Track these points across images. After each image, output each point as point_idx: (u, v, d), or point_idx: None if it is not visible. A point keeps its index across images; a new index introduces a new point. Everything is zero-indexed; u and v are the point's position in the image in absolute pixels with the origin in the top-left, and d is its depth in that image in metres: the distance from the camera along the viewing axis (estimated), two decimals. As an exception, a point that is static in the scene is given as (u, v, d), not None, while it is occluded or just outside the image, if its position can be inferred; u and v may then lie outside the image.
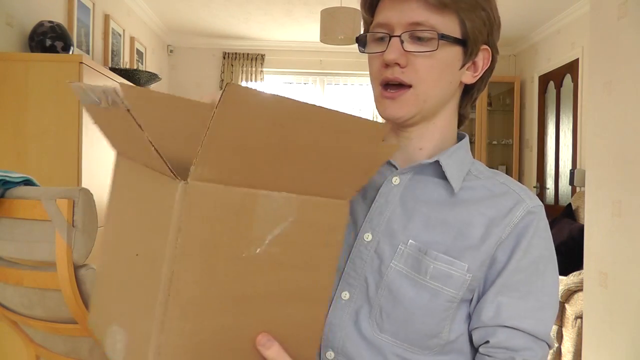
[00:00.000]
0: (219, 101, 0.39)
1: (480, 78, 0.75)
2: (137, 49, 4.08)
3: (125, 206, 0.53)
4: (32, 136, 2.24)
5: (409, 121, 0.71)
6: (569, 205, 3.59)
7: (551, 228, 3.44)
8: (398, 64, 0.68)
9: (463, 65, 0.71)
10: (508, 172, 5.08)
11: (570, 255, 3.26)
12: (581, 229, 2.99)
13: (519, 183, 0.74)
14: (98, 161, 2.48)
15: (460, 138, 0.78)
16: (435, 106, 0.71)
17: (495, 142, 5.11)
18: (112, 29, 3.56)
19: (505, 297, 0.66)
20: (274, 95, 0.41)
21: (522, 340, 0.65)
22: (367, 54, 0.74)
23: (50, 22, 2.48)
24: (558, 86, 4.35)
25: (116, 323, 0.50)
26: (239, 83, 5.03)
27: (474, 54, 0.71)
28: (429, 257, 0.67)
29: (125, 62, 3.81)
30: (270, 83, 5.21)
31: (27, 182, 1.48)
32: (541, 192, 4.64)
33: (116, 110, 0.44)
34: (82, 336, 1.44)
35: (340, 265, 0.71)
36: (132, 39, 3.98)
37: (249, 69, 5.04)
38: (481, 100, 4.90)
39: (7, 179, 1.42)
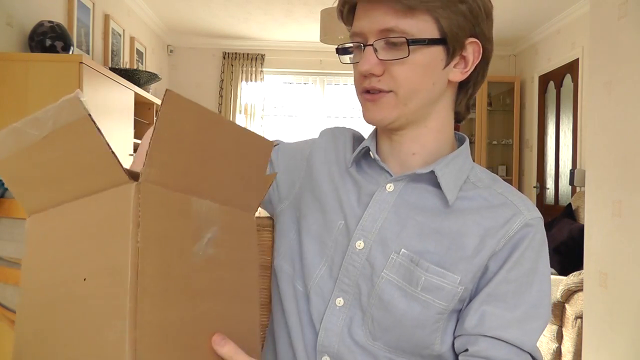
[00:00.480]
0: (161, 104, 0.45)
1: (474, 71, 0.71)
2: (137, 49, 4.08)
3: (51, 255, 0.53)
4: (32, 136, 2.23)
5: (393, 124, 0.69)
6: (569, 205, 3.59)
7: (551, 228, 3.41)
8: (373, 74, 0.66)
9: (448, 64, 0.68)
10: (508, 172, 5.08)
11: (570, 255, 3.25)
12: (581, 229, 2.99)
13: (518, 192, 0.72)
14: (98, 161, 2.47)
15: (460, 141, 0.76)
16: (420, 108, 0.69)
17: (495, 142, 5.11)
18: (112, 29, 3.56)
19: (491, 306, 0.65)
20: (198, 104, 0.48)
21: (504, 351, 0.64)
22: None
23: (50, 22, 2.48)
24: (558, 86, 4.35)
25: None
26: (239, 83, 5.04)
27: (459, 50, 0.68)
28: (420, 268, 0.65)
29: (125, 62, 3.81)
30: (270, 83, 5.21)
31: (27, 182, 1.48)
32: (541, 192, 4.64)
33: (60, 133, 0.46)
34: (82, 336, 1.44)
35: (334, 272, 0.70)
36: (132, 39, 3.98)
37: (249, 69, 5.04)
38: (481, 100, 4.91)
39: (7, 179, 1.42)
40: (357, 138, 0.83)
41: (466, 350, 0.65)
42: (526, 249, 0.66)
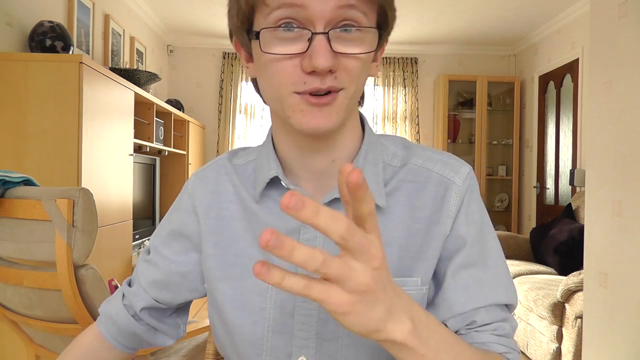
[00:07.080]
0: None
1: None
2: (137, 49, 4.07)
3: None
4: (32, 136, 2.24)
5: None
6: (569, 205, 3.59)
7: (551, 228, 3.40)
8: (331, 71, 0.53)
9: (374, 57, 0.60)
10: (508, 172, 5.08)
11: (570, 255, 3.25)
12: (581, 229, 2.99)
13: (435, 154, 0.65)
14: (98, 161, 2.47)
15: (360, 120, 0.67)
16: (352, 109, 0.60)
17: (495, 142, 5.11)
18: (112, 28, 3.56)
19: (466, 277, 0.60)
20: None
21: (501, 313, 0.61)
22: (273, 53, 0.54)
23: (50, 22, 2.48)
24: (558, 86, 4.35)
25: None
26: (239, 83, 5.03)
27: (384, 43, 0.60)
28: None
29: (125, 62, 3.81)
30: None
31: (27, 182, 1.47)
32: (541, 192, 4.64)
33: None
34: (82, 336, 1.43)
35: (285, 333, 0.61)
36: (132, 39, 3.98)
37: (249, 69, 5.04)
38: (481, 100, 4.91)
39: (7, 179, 1.42)
40: (239, 161, 0.71)
41: (473, 322, 0.60)
42: (469, 203, 0.62)
